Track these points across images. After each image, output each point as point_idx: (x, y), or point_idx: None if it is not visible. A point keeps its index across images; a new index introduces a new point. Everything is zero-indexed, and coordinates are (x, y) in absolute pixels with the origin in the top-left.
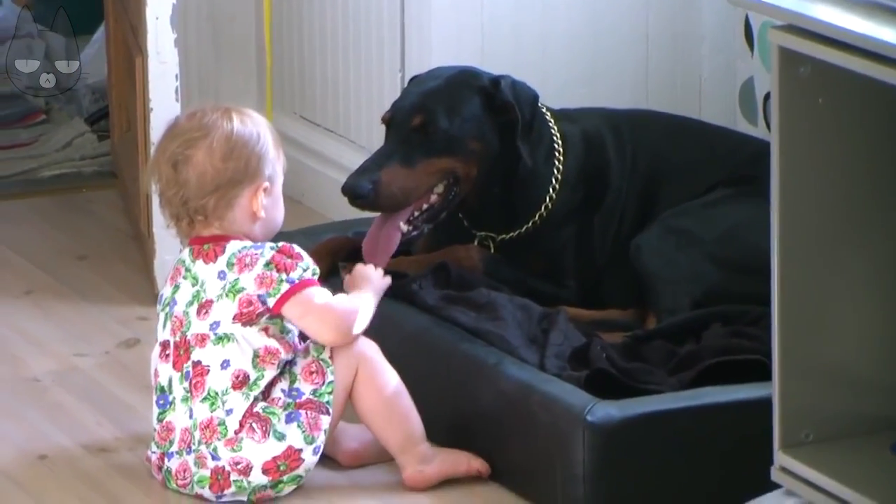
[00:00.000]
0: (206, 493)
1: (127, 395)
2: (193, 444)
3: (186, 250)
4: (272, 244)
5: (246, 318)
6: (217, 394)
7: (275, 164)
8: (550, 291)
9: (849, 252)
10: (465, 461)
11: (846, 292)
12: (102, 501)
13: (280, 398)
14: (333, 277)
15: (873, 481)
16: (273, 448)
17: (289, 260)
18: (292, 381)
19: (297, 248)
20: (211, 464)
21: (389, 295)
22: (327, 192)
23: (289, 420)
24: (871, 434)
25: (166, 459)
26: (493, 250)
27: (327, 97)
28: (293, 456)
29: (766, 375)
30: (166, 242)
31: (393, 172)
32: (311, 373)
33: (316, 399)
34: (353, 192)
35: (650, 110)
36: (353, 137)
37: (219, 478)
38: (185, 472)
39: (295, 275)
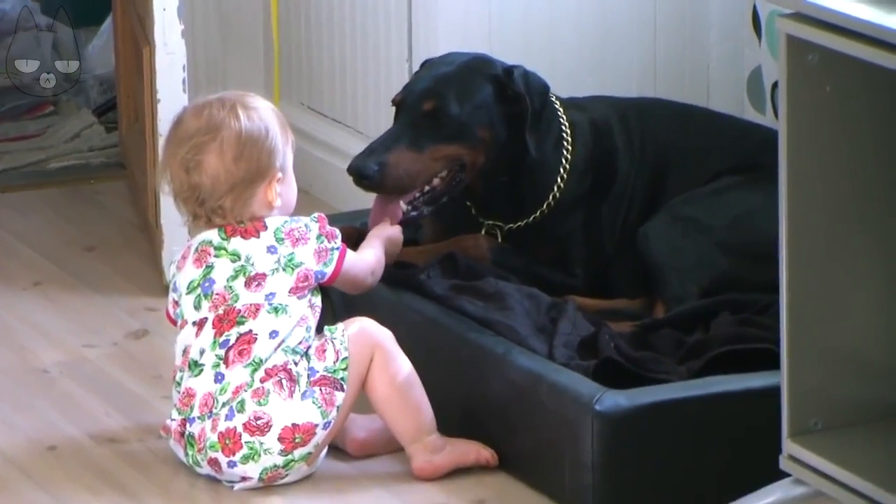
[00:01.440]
0: (220, 456)
1: (135, 385)
2: (216, 407)
3: (212, 232)
4: (312, 216)
5: (300, 292)
6: (261, 360)
7: (285, 150)
8: (559, 280)
9: (857, 240)
10: (473, 451)
11: (855, 280)
12: (111, 492)
13: (301, 375)
14: None
15: (882, 469)
16: (293, 415)
17: (329, 228)
18: (308, 360)
19: (322, 215)
20: (222, 425)
21: (397, 285)
22: (335, 182)
23: (304, 397)
24: (880, 422)
25: (188, 425)
26: (500, 239)
27: (335, 87)
28: (308, 431)
29: (774, 364)
30: (174, 233)
31: (400, 155)
32: (324, 351)
33: (330, 375)
34: (360, 172)
35: (658, 98)
36: (361, 128)
37: (227, 441)
38: (202, 436)
39: (336, 241)
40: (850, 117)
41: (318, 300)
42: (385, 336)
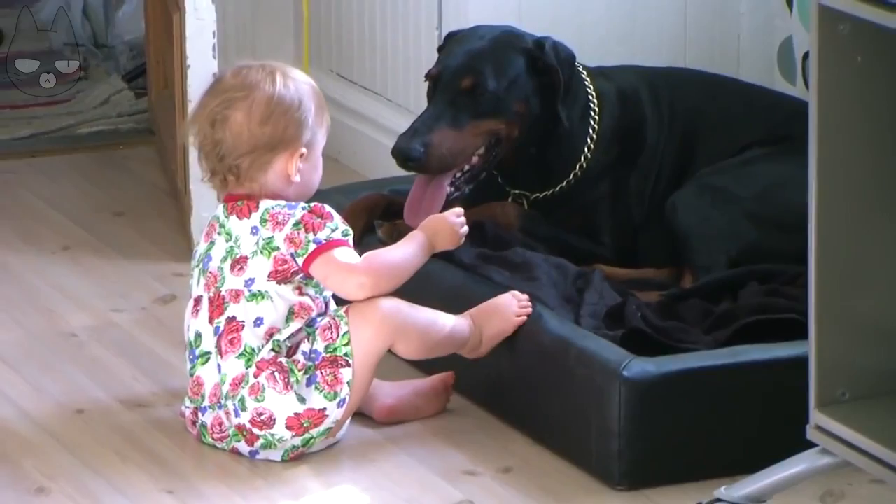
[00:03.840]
0: (241, 446)
1: (163, 350)
2: (222, 398)
3: (221, 206)
4: (304, 204)
5: (281, 277)
6: (253, 350)
7: (315, 130)
8: (586, 248)
9: (887, 211)
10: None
11: (883, 251)
12: (139, 456)
13: (301, 360)
14: (369, 235)
15: None
16: (294, 405)
17: (318, 220)
18: (312, 342)
19: (327, 209)
20: (234, 420)
21: None
22: (363, 149)
23: (308, 383)
24: None
25: (200, 414)
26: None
27: (364, 55)
28: (316, 415)
29: (802, 335)
30: (203, 199)
31: (443, 135)
32: (326, 329)
33: (330, 355)
34: (405, 154)
35: (687, 68)
36: (390, 95)
37: (244, 433)
38: (220, 425)
39: (322, 235)
40: (881, 88)
41: (321, 294)
42: (388, 307)
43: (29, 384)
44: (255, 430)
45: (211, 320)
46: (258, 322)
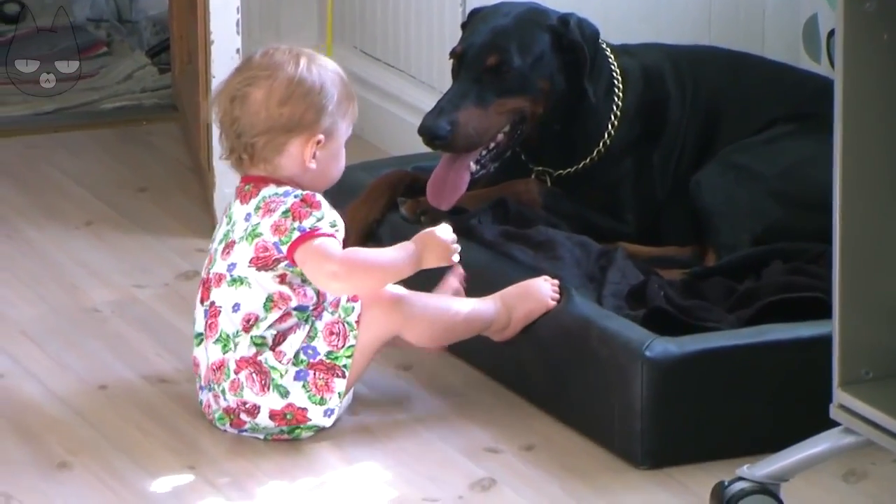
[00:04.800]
0: (229, 428)
1: (185, 326)
2: (210, 382)
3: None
4: (298, 192)
5: (262, 263)
6: (229, 336)
7: (337, 118)
8: (609, 226)
9: None
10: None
11: None
12: (161, 431)
13: (286, 354)
14: (392, 211)
15: None
16: (274, 401)
17: (306, 209)
18: (312, 338)
19: (318, 198)
20: (223, 402)
21: None
22: (387, 126)
23: (297, 377)
24: None
25: (200, 392)
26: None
27: (388, 31)
28: (298, 412)
29: (825, 313)
30: (225, 175)
31: (469, 113)
32: (333, 333)
33: (329, 361)
34: (432, 133)
35: (711, 46)
36: (414, 72)
37: (231, 416)
38: (209, 407)
39: (307, 223)
40: None
41: (308, 288)
42: (393, 297)
43: (52, 360)
44: (241, 416)
45: (202, 302)
46: (235, 308)
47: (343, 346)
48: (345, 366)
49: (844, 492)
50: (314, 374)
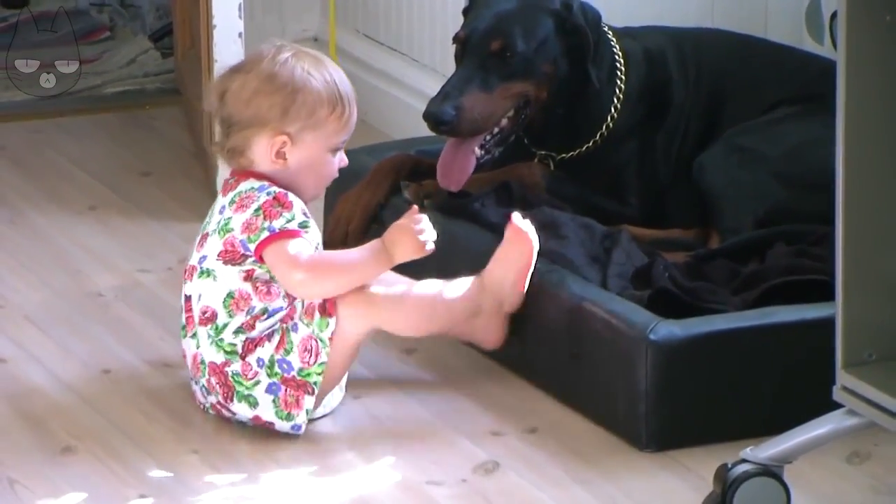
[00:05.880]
0: (219, 415)
1: None
2: (195, 375)
3: None
4: (271, 189)
5: (229, 258)
6: (196, 332)
7: (313, 123)
8: (613, 209)
9: None
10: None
11: None
12: (165, 416)
13: (253, 367)
14: (396, 195)
15: None
16: (243, 410)
17: (277, 208)
18: (288, 351)
19: (290, 197)
20: (210, 398)
21: (451, 213)
22: (390, 110)
23: (269, 390)
24: None
25: (191, 382)
26: (553, 169)
27: (390, 15)
28: (266, 424)
29: (829, 296)
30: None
31: (474, 98)
32: (306, 350)
33: (301, 378)
34: (437, 118)
35: (714, 28)
36: (416, 56)
37: (216, 410)
38: (198, 398)
39: (277, 224)
40: None
41: (273, 287)
42: (376, 310)
43: (55, 344)
44: (223, 412)
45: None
46: (198, 298)
47: (314, 363)
48: (315, 383)
49: (848, 473)
50: (285, 389)
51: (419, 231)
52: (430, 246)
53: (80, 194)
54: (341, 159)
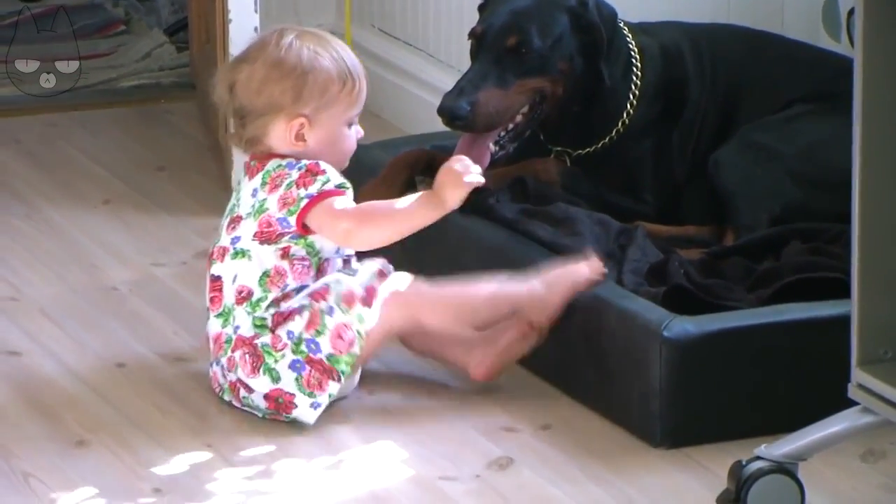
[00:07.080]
0: (233, 401)
1: (203, 304)
2: (217, 355)
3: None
4: (301, 163)
5: (265, 238)
6: (230, 309)
7: (326, 100)
8: (628, 206)
9: None
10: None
11: None
12: (179, 409)
13: (283, 339)
14: (411, 190)
15: None
16: (264, 384)
17: (311, 177)
18: (319, 332)
19: (322, 165)
20: (229, 376)
21: (467, 209)
22: (405, 105)
23: (292, 367)
24: None
25: (210, 366)
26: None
27: (406, 10)
28: (287, 398)
29: (845, 294)
30: (243, 154)
31: (489, 93)
32: (339, 337)
33: (329, 363)
34: (452, 113)
35: (730, 25)
36: (432, 51)
37: (234, 390)
38: (217, 381)
39: (313, 188)
40: None
41: (307, 261)
42: (416, 300)
43: (70, 338)
44: (241, 391)
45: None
46: (234, 279)
47: (346, 353)
48: (343, 371)
49: (863, 471)
50: (310, 370)
51: (464, 168)
52: (479, 179)
53: (95, 188)
54: (358, 131)
